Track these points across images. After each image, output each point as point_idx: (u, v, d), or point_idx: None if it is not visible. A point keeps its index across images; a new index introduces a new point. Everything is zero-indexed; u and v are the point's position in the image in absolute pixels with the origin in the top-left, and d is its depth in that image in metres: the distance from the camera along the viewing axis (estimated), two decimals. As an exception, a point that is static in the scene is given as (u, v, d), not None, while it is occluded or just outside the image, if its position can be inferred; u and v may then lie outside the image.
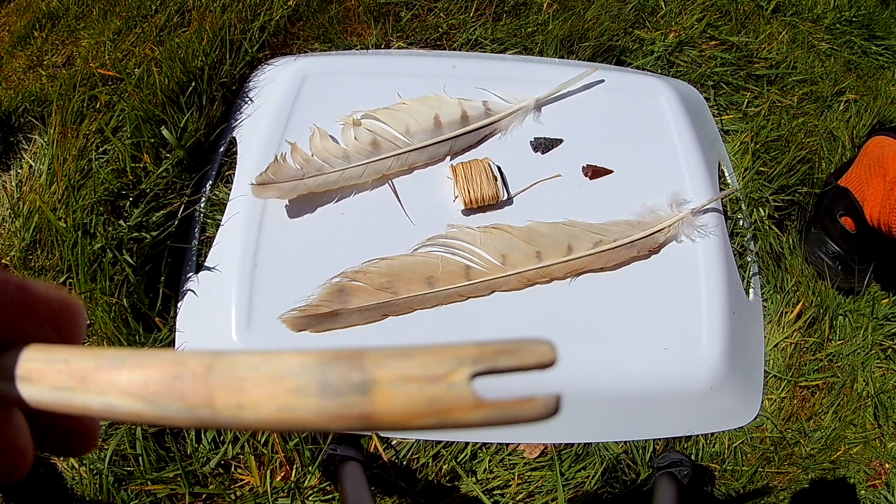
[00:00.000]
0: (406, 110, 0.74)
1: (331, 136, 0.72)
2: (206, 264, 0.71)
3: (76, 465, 0.66)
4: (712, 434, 0.75)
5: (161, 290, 0.71)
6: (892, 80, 1.04)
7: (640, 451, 0.73)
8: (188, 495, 0.65)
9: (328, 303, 0.65)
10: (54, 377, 0.13)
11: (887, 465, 0.78)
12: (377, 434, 0.69)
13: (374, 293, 0.66)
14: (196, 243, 0.74)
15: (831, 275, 0.85)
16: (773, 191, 0.87)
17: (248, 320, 0.65)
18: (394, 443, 0.70)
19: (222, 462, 0.68)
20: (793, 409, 0.78)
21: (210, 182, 0.78)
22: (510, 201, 0.73)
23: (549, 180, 0.75)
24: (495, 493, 0.69)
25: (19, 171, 0.80)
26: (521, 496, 0.69)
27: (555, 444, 0.71)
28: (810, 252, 0.87)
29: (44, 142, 0.80)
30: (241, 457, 0.68)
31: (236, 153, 0.78)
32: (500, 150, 0.76)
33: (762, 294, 0.83)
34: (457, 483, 0.70)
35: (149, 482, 0.65)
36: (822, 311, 0.83)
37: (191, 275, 0.72)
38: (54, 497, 0.65)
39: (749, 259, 0.83)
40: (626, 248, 0.70)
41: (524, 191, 0.74)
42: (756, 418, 0.76)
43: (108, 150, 0.76)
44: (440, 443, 0.70)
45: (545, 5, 0.96)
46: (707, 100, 0.94)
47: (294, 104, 0.75)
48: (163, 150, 0.77)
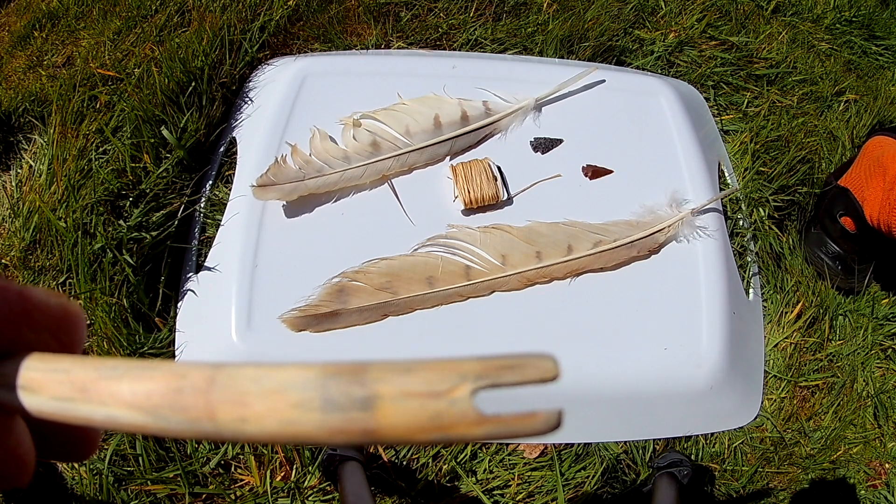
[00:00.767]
0: (406, 110, 0.74)
1: (331, 136, 0.72)
2: (206, 264, 0.71)
3: (76, 466, 0.66)
4: (712, 434, 0.75)
5: (161, 290, 0.71)
6: (892, 80, 1.04)
7: (640, 451, 0.73)
8: (188, 495, 0.65)
9: (328, 303, 0.65)
10: (55, 387, 0.13)
11: (887, 465, 0.78)
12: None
13: (374, 293, 0.66)
14: (196, 243, 0.74)
15: (831, 275, 0.85)
16: (773, 191, 0.87)
17: (248, 320, 0.65)
18: (394, 443, 0.70)
19: (222, 462, 0.68)
20: (793, 409, 0.78)
21: (210, 182, 0.78)
22: (510, 201, 0.73)
23: (549, 180, 0.75)
24: (495, 493, 0.69)
25: (19, 171, 0.80)
26: (521, 496, 0.69)
27: (555, 444, 0.71)
28: (810, 252, 0.87)
29: (44, 142, 0.80)
30: (241, 457, 0.68)
31: (236, 153, 0.78)
32: (500, 150, 0.76)
33: (762, 294, 0.83)
34: (457, 483, 0.70)
35: (149, 482, 0.65)
36: (822, 311, 0.83)
37: (191, 275, 0.72)
38: (54, 497, 0.65)
39: (749, 259, 0.83)
40: (626, 248, 0.70)
41: (524, 191, 0.74)
42: (756, 418, 0.76)
43: (108, 150, 0.76)
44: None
45: (545, 5, 0.96)
46: (707, 100, 0.94)
47: (294, 104, 0.75)
48: (163, 150, 0.77)
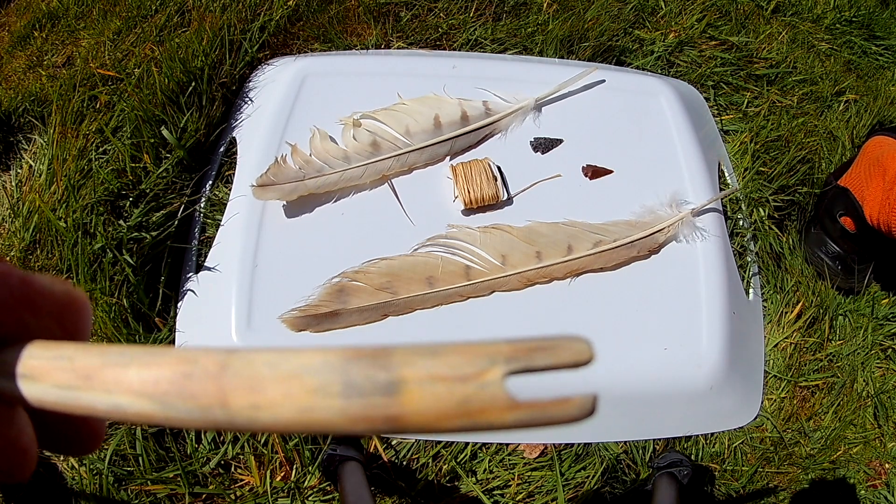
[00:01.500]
0: (406, 110, 0.74)
1: (331, 136, 0.72)
2: (206, 264, 0.71)
3: (76, 465, 0.66)
4: (712, 434, 0.75)
5: (161, 290, 0.71)
6: (892, 80, 1.04)
7: (640, 451, 0.73)
8: (188, 495, 0.65)
9: (328, 303, 0.65)
10: (58, 375, 0.13)
11: (887, 465, 0.78)
12: (377, 434, 0.69)
13: (374, 293, 0.66)
14: (196, 243, 0.74)
15: (831, 275, 0.85)
16: (773, 191, 0.87)
17: (248, 320, 0.65)
18: (394, 443, 0.70)
19: (222, 462, 0.68)
20: (793, 409, 0.78)
21: (210, 182, 0.78)
22: (510, 201, 0.73)
23: (549, 180, 0.75)
24: (495, 493, 0.69)
25: (19, 171, 0.80)
26: (521, 496, 0.69)
27: (555, 444, 0.71)
28: (810, 252, 0.87)
29: (44, 142, 0.80)
30: (241, 457, 0.68)
31: (236, 153, 0.78)
32: (500, 150, 0.76)
33: (762, 294, 0.83)
34: (457, 483, 0.70)
35: (149, 482, 0.65)
36: (822, 311, 0.83)
37: (191, 275, 0.72)
38: (54, 497, 0.65)
39: (749, 259, 0.83)
40: (626, 248, 0.70)
41: (524, 191, 0.74)
42: (756, 418, 0.76)
43: (108, 150, 0.76)
44: (440, 443, 0.70)
45: (545, 5, 0.96)
46: (707, 100, 0.94)
47: (294, 104, 0.75)
48: (163, 150, 0.77)
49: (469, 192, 0.70)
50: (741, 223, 0.84)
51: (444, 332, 0.66)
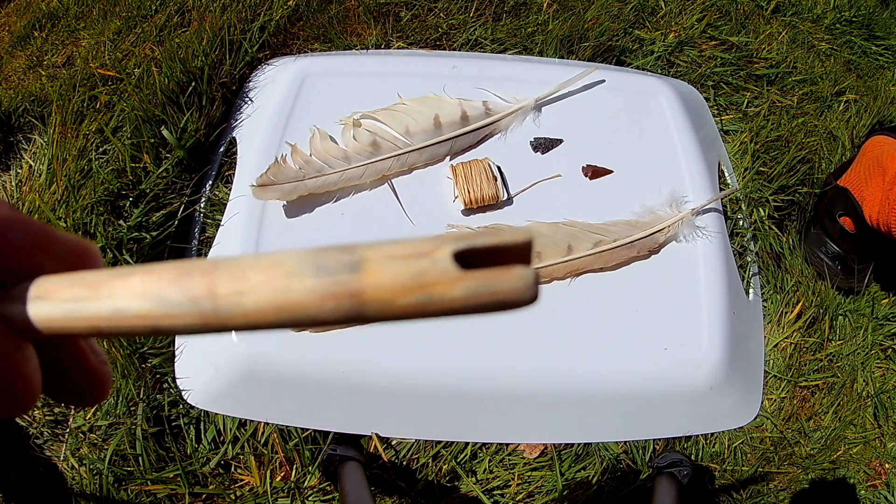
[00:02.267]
0: (406, 111, 0.74)
1: (331, 136, 0.72)
2: (206, 264, 0.71)
3: (76, 465, 0.66)
4: (712, 434, 0.75)
5: (161, 290, 0.71)
6: (892, 80, 1.04)
7: (640, 451, 0.73)
8: (188, 495, 0.65)
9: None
10: (67, 291, 0.14)
11: (887, 465, 0.78)
12: (377, 434, 0.69)
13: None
14: (196, 243, 0.74)
15: (831, 275, 0.85)
16: (773, 191, 0.87)
17: (248, 320, 0.64)
18: (394, 443, 0.70)
19: (222, 462, 0.68)
20: (793, 409, 0.78)
21: (210, 182, 0.78)
22: (510, 201, 0.73)
23: (549, 180, 0.75)
24: (495, 493, 0.69)
25: (19, 171, 0.81)
26: (521, 496, 0.69)
27: (555, 444, 0.71)
28: (810, 252, 0.87)
29: (44, 142, 0.80)
30: (241, 457, 0.68)
31: (236, 153, 0.78)
32: (500, 150, 0.76)
33: (762, 294, 0.83)
34: (457, 483, 0.70)
35: (149, 482, 0.65)
36: (822, 311, 0.83)
37: (191, 275, 0.72)
38: (54, 497, 0.65)
39: (749, 259, 0.83)
40: (626, 248, 0.70)
41: (524, 191, 0.74)
42: (756, 418, 0.76)
43: (108, 150, 0.76)
44: (440, 443, 0.70)
45: (545, 5, 0.96)
46: (707, 100, 0.94)
47: (294, 104, 0.75)
48: (163, 150, 0.77)
49: (469, 192, 0.70)
50: (741, 223, 0.84)
51: (444, 332, 0.66)
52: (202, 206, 0.76)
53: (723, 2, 1.02)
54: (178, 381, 0.68)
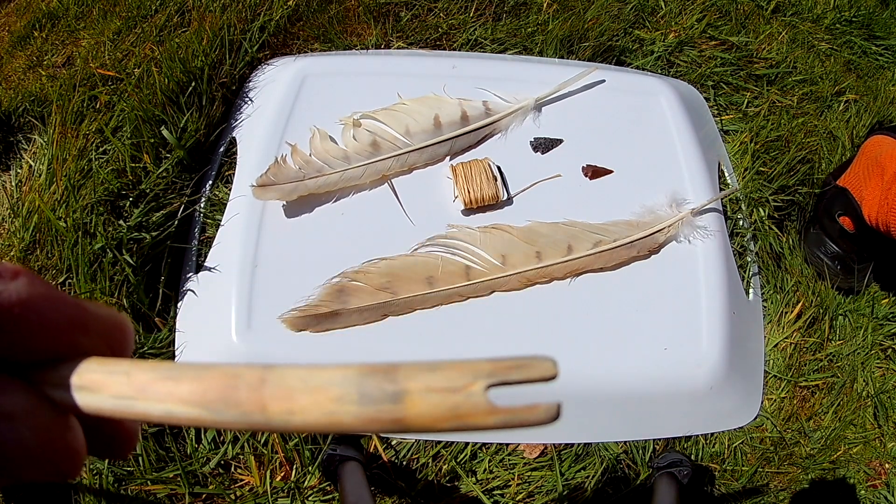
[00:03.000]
0: (406, 111, 0.74)
1: (330, 136, 0.72)
2: (206, 264, 0.71)
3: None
4: (712, 434, 0.75)
5: (161, 290, 0.71)
6: (892, 80, 1.04)
7: (640, 451, 0.73)
8: (188, 495, 0.65)
9: (328, 303, 0.65)
10: (115, 387, 0.15)
11: (887, 465, 0.78)
12: (377, 434, 0.69)
13: (374, 293, 0.66)
14: (196, 243, 0.74)
15: (831, 275, 0.85)
16: (773, 191, 0.87)
17: (248, 320, 0.65)
18: (394, 443, 0.70)
19: (222, 462, 0.68)
20: (793, 409, 0.78)
21: (210, 182, 0.78)
22: (510, 201, 0.73)
23: (549, 180, 0.75)
24: (495, 493, 0.69)
25: (19, 171, 0.80)
26: (521, 496, 0.69)
27: (555, 444, 0.71)
28: (809, 252, 0.87)
29: (44, 142, 0.80)
30: (241, 457, 0.68)
31: (236, 153, 0.78)
32: (500, 150, 0.76)
33: (762, 294, 0.83)
34: (457, 483, 0.70)
35: (149, 482, 0.65)
36: (822, 311, 0.83)
37: (191, 275, 0.72)
38: (54, 497, 0.65)
39: (749, 259, 0.83)
40: (626, 248, 0.70)
41: (524, 191, 0.74)
42: (756, 418, 0.76)
43: (108, 150, 0.76)
44: (440, 443, 0.70)
45: (545, 5, 0.96)
46: (707, 100, 0.94)
47: (294, 104, 0.75)
48: (163, 150, 0.77)
49: (469, 192, 0.70)
50: (741, 223, 0.84)
51: (444, 332, 0.66)
52: (202, 206, 0.76)
53: (723, 2, 1.02)
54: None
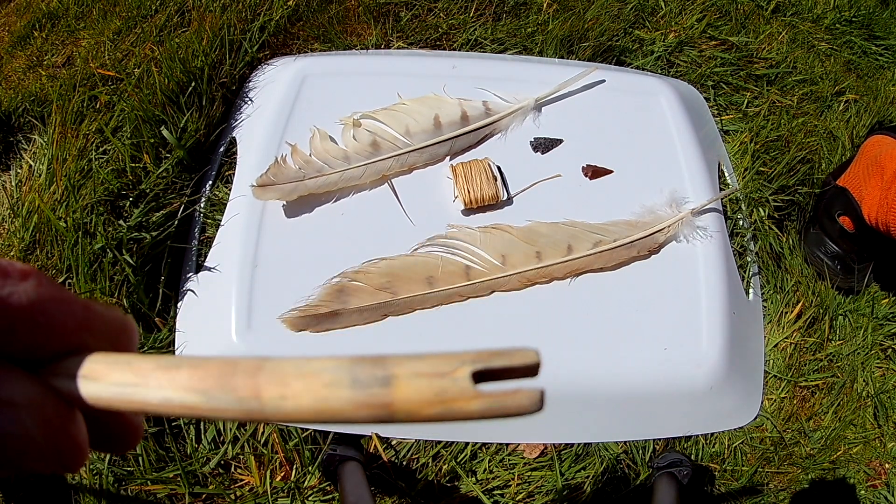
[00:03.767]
0: (406, 111, 0.74)
1: (330, 136, 0.72)
2: (206, 264, 0.71)
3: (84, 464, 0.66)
4: (712, 434, 0.75)
5: (161, 290, 0.71)
6: (892, 80, 1.04)
7: (640, 451, 0.73)
8: (188, 495, 0.65)
9: (328, 303, 0.65)
10: (116, 375, 0.15)
11: (887, 465, 0.78)
12: (377, 434, 0.69)
13: (373, 293, 0.66)
14: (196, 243, 0.74)
15: (831, 275, 0.85)
16: (773, 191, 0.87)
17: (248, 320, 0.65)
18: (394, 443, 0.70)
19: (222, 462, 0.68)
20: (793, 409, 0.78)
21: (210, 182, 0.78)
22: (510, 201, 0.73)
23: (549, 180, 0.75)
24: (495, 493, 0.69)
25: (19, 171, 0.80)
26: (521, 496, 0.69)
27: (555, 444, 0.71)
28: (809, 252, 0.87)
29: (44, 142, 0.80)
30: (241, 457, 0.68)
31: (236, 153, 0.78)
32: (500, 150, 0.76)
33: (762, 294, 0.83)
34: (457, 483, 0.70)
35: (149, 482, 0.65)
36: (822, 311, 0.83)
37: (191, 275, 0.72)
38: (54, 497, 0.65)
39: (749, 259, 0.83)
40: (626, 248, 0.70)
41: (524, 191, 0.74)
42: (756, 418, 0.76)
43: (108, 150, 0.76)
44: (440, 443, 0.70)
45: (545, 5, 0.96)
46: (707, 100, 0.94)
47: (294, 104, 0.75)
48: (163, 150, 0.77)
49: (469, 192, 0.70)
50: (741, 223, 0.84)
51: (444, 332, 0.66)
52: (202, 206, 0.76)
53: (723, 2, 1.02)
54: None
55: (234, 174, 0.75)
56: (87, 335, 0.16)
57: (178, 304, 0.72)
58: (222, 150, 0.80)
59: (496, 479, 0.70)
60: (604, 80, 0.81)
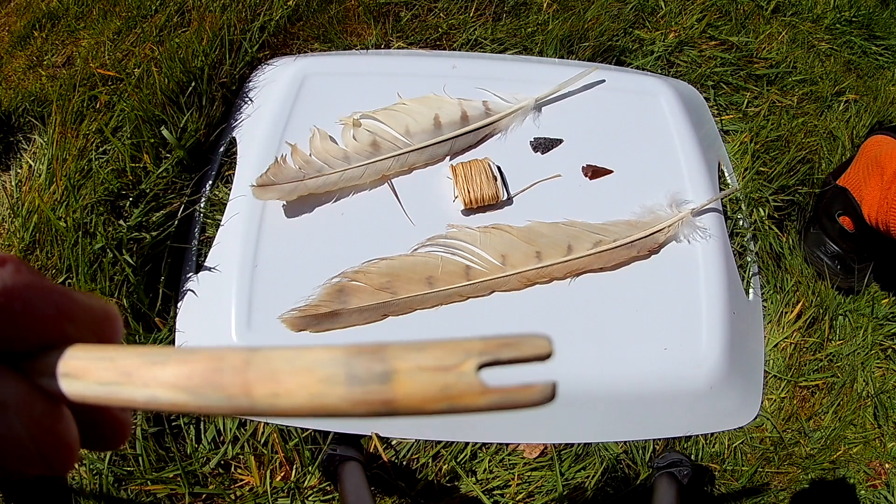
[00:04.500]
0: (406, 110, 0.74)
1: (331, 136, 0.72)
2: (206, 264, 0.71)
3: (76, 465, 0.66)
4: (712, 434, 0.75)
5: (161, 290, 0.71)
6: (892, 80, 1.04)
7: (640, 451, 0.73)
8: (188, 495, 0.65)
9: (328, 303, 0.65)
10: (100, 373, 0.14)
11: (887, 465, 0.78)
12: (377, 434, 0.69)
13: (373, 293, 0.66)
14: (196, 243, 0.74)
15: (831, 275, 0.85)
16: (773, 191, 0.87)
17: (247, 320, 0.65)
18: (394, 443, 0.70)
19: (222, 462, 0.68)
20: (793, 409, 0.78)
21: (210, 182, 0.78)
22: (510, 201, 0.73)
23: (549, 180, 0.75)
24: (495, 493, 0.69)
25: (19, 171, 0.80)
26: (521, 496, 0.69)
27: (555, 444, 0.71)
28: (809, 252, 0.87)
29: (43, 142, 0.80)
30: (241, 457, 0.68)
31: (236, 153, 0.78)
32: (500, 150, 0.76)
33: (762, 294, 0.83)
34: (457, 483, 0.70)
35: (149, 482, 0.65)
36: (822, 311, 0.83)
37: (191, 275, 0.72)
38: (54, 497, 0.65)
39: (749, 259, 0.83)
40: (626, 248, 0.70)
41: (524, 191, 0.74)
42: (756, 418, 0.76)
43: (108, 150, 0.76)
44: (440, 443, 0.70)
45: (545, 5, 0.96)
46: (707, 100, 0.94)
47: (294, 104, 0.75)
48: (163, 150, 0.77)
49: (469, 192, 0.70)
50: (741, 223, 0.84)
51: (444, 332, 0.66)
52: (202, 206, 0.76)
53: (723, 2, 1.02)
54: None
55: (234, 174, 0.75)
56: (68, 324, 0.15)
57: (178, 304, 0.72)
58: (222, 150, 0.80)
59: (496, 479, 0.70)
60: (604, 80, 0.81)
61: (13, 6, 1.00)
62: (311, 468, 0.67)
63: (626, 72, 0.90)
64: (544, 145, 0.77)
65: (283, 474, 0.67)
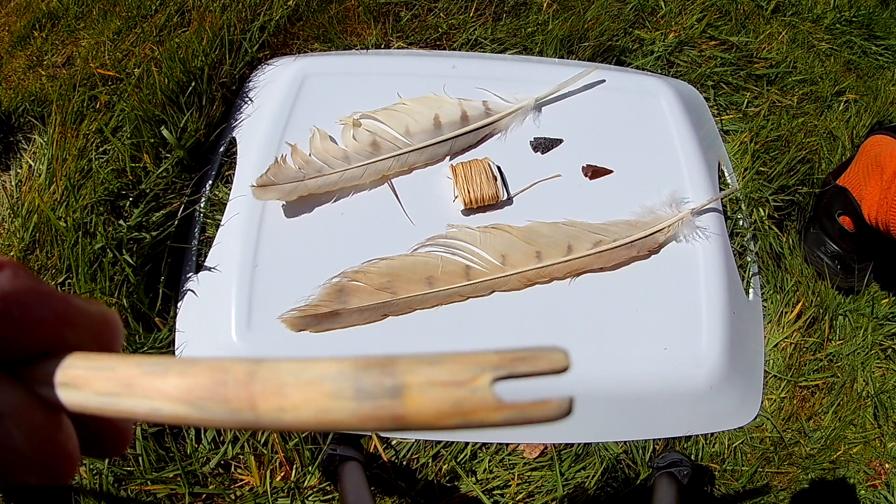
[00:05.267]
0: (406, 110, 0.74)
1: (330, 136, 0.72)
2: (206, 264, 0.71)
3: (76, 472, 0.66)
4: (712, 434, 0.75)
5: (161, 290, 0.71)
6: (892, 80, 1.04)
7: (640, 451, 0.73)
8: (188, 495, 0.65)
9: (328, 303, 0.65)
10: (100, 383, 0.14)
11: (887, 465, 0.78)
12: (377, 434, 0.69)
13: (373, 293, 0.66)
14: (196, 243, 0.74)
15: (831, 274, 0.85)
16: (773, 191, 0.87)
17: (247, 320, 0.65)
18: (394, 443, 0.70)
19: (222, 462, 0.68)
20: (793, 409, 0.78)
21: (210, 182, 0.78)
22: (510, 201, 0.73)
23: (549, 180, 0.75)
24: (495, 493, 0.69)
25: (19, 171, 0.80)
26: (521, 496, 0.69)
27: (555, 444, 0.71)
28: (809, 252, 0.87)
29: (43, 142, 0.80)
30: (241, 457, 0.68)
31: (236, 153, 0.78)
32: (500, 150, 0.76)
33: (762, 294, 0.83)
34: (457, 483, 0.70)
35: (149, 482, 0.65)
36: (822, 311, 0.83)
37: (191, 275, 0.72)
38: (54, 497, 0.65)
39: (749, 259, 0.83)
40: (626, 248, 0.70)
41: (524, 191, 0.74)
42: (756, 418, 0.76)
43: (108, 150, 0.76)
44: (440, 443, 0.70)
45: (545, 5, 0.96)
46: (707, 100, 0.94)
47: (294, 104, 0.75)
48: (163, 150, 0.77)
49: (469, 192, 0.70)
50: (741, 223, 0.84)
51: (444, 332, 0.66)
52: (202, 206, 0.76)
53: (723, 2, 1.02)
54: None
55: (234, 174, 0.75)
56: (67, 330, 0.15)
57: (178, 304, 0.72)
58: (222, 150, 0.80)
59: (496, 479, 0.70)
60: (604, 80, 0.81)
61: (13, 6, 1.00)
62: (311, 468, 0.67)
63: (626, 72, 0.90)
64: (544, 145, 0.77)
65: (283, 474, 0.67)
